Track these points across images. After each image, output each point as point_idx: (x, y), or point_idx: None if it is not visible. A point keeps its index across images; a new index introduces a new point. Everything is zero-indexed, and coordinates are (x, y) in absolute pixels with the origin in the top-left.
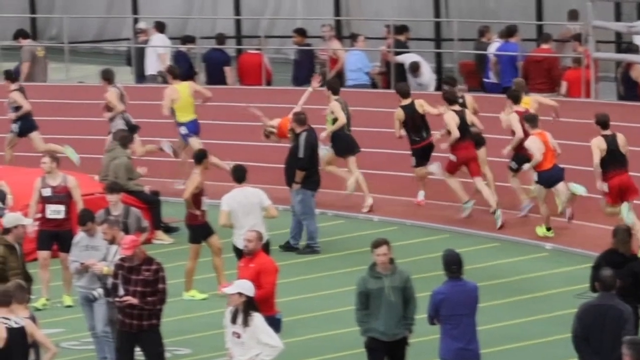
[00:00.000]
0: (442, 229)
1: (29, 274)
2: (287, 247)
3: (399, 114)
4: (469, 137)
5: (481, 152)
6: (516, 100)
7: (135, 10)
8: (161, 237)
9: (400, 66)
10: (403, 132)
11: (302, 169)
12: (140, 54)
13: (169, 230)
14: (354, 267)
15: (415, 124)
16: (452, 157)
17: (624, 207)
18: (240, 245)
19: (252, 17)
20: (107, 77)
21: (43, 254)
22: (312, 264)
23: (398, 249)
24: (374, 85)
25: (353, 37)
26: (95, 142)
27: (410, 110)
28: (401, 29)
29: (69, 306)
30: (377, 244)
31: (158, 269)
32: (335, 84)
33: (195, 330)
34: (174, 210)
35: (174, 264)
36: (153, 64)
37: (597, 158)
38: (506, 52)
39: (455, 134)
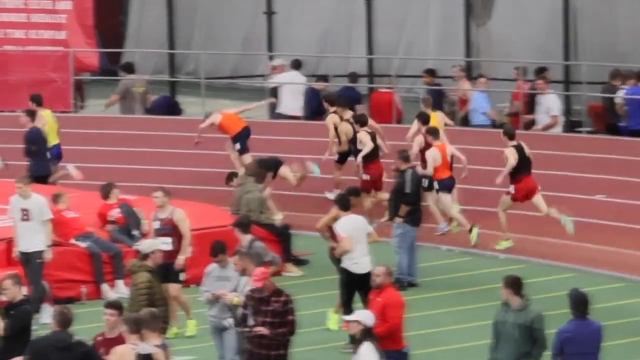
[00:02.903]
0: (568, 268)
1: (167, 300)
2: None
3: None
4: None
5: None
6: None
7: (270, 47)
8: (291, 270)
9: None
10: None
11: (408, 204)
12: (274, 90)
13: (299, 262)
14: (480, 303)
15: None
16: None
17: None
18: (355, 270)
19: (385, 57)
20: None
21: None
22: (440, 299)
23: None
24: (498, 125)
25: (475, 78)
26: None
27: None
28: (540, 71)
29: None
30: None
31: (287, 301)
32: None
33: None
34: (306, 242)
35: (304, 295)
36: (287, 100)
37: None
38: (634, 95)
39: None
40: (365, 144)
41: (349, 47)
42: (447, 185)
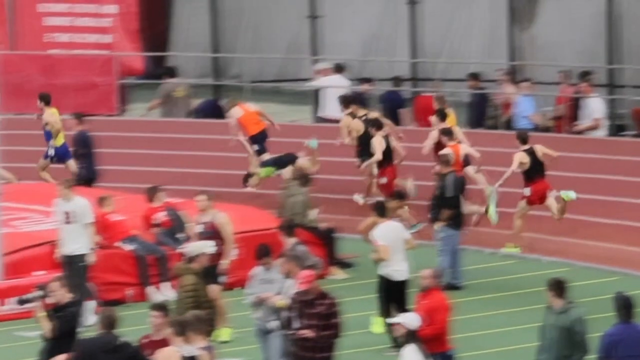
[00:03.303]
0: (613, 271)
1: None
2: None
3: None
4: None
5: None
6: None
7: (314, 51)
8: (335, 273)
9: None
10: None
11: (449, 208)
12: (317, 93)
13: (344, 265)
14: (523, 306)
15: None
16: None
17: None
18: (393, 277)
19: (429, 60)
20: None
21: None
22: (484, 302)
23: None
24: (542, 129)
25: (519, 82)
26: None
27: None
28: (584, 74)
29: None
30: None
31: (332, 304)
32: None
33: None
34: (351, 245)
35: (349, 298)
36: (330, 104)
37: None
38: None
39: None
40: (377, 151)
41: (393, 51)
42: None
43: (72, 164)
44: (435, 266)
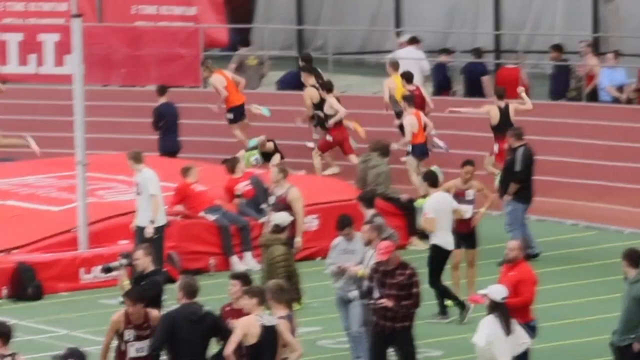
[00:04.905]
0: None
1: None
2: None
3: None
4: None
5: None
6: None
7: (398, 23)
8: (416, 243)
9: None
10: None
11: (517, 182)
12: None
13: (424, 236)
14: (605, 277)
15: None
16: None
17: None
18: (445, 247)
19: (512, 32)
20: None
21: None
22: (564, 273)
23: None
24: (626, 101)
25: (603, 54)
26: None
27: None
28: None
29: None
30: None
31: (412, 274)
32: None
33: (447, 333)
34: None
35: (425, 270)
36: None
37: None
38: None
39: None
40: (339, 109)
41: (476, 23)
42: (418, 151)
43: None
44: (497, 237)
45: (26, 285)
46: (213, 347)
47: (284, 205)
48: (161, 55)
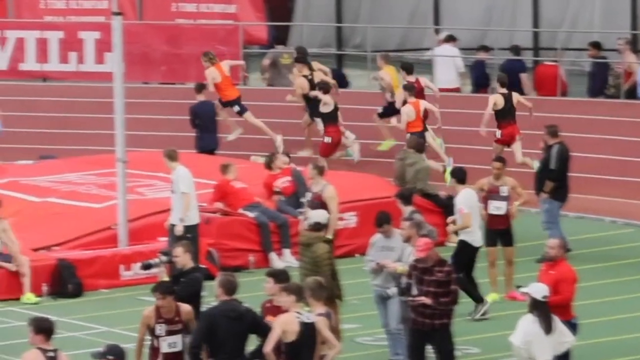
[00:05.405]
0: None
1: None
2: None
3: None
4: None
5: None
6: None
7: (436, 21)
8: (455, 240)
9: None
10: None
11: (553, 180)
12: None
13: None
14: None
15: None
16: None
17: None
18: (475, 244)
19: (550, 30)
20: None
21: None
22: (603, 271)
23: None
24: None
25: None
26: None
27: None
28: None
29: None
30: None
31: (450, 271)
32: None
33: (485, 330)
34: None
35: None
36: (441, 74)
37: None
38: None
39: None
40: (329, 104)
41: (514, 21)
42: None
43: None
44: (533, 234)
45: (66, 282)
46: (251, 344)
47: (319, 202)
48: (201, 53)
